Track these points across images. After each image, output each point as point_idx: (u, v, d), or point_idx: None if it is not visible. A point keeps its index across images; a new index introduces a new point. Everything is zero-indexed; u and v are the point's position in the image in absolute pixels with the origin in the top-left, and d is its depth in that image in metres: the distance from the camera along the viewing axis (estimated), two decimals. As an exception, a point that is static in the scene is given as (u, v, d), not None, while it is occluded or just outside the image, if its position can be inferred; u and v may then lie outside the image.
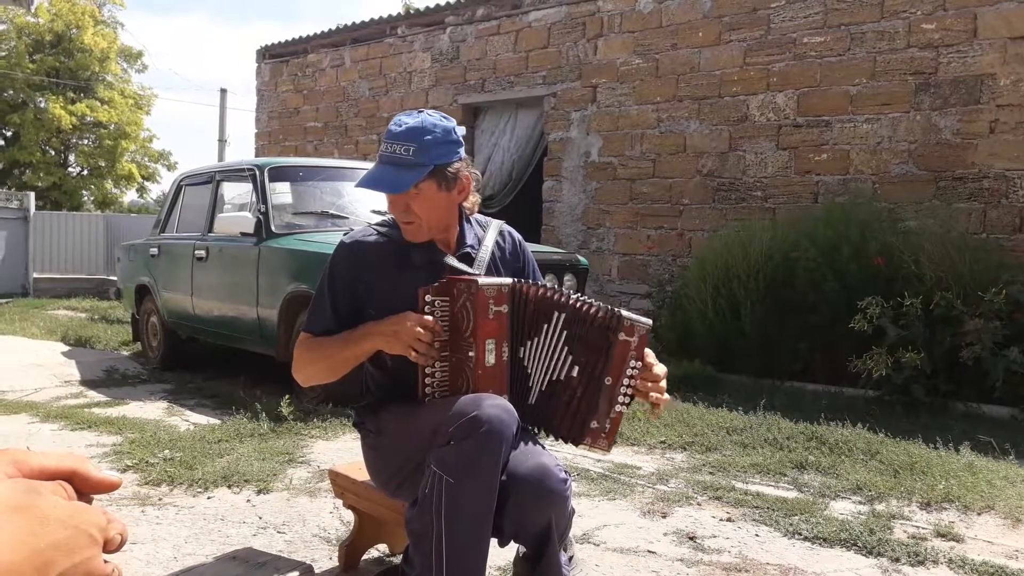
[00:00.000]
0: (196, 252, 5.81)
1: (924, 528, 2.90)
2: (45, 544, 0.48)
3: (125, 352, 7.16)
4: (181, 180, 6.65)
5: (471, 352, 1.79)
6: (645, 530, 2.87)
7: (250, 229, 5.15)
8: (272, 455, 3.64)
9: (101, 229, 14.24)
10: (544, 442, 1.95)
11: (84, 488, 0.55)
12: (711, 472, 3.58)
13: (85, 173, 23.12)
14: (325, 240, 4.73)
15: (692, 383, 5.37)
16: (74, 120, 20.73)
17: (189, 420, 4.54)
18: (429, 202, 1.88)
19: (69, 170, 22.93)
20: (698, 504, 3.16)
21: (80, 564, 0.49)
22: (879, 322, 5.01)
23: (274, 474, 3.37)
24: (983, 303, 4.87)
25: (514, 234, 2.14)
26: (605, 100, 8.24)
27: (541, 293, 1.85)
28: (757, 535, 2.84)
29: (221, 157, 20.15)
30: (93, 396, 5.18)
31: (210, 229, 5.82)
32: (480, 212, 2.14)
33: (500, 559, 2.32)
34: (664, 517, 3.00)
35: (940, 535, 2.83)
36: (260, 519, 2.89)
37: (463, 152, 1.93)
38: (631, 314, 1.79)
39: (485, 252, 2.01)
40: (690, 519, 2.99)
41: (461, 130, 1.94)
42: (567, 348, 1.82)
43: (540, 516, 1.77)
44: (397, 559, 2.44)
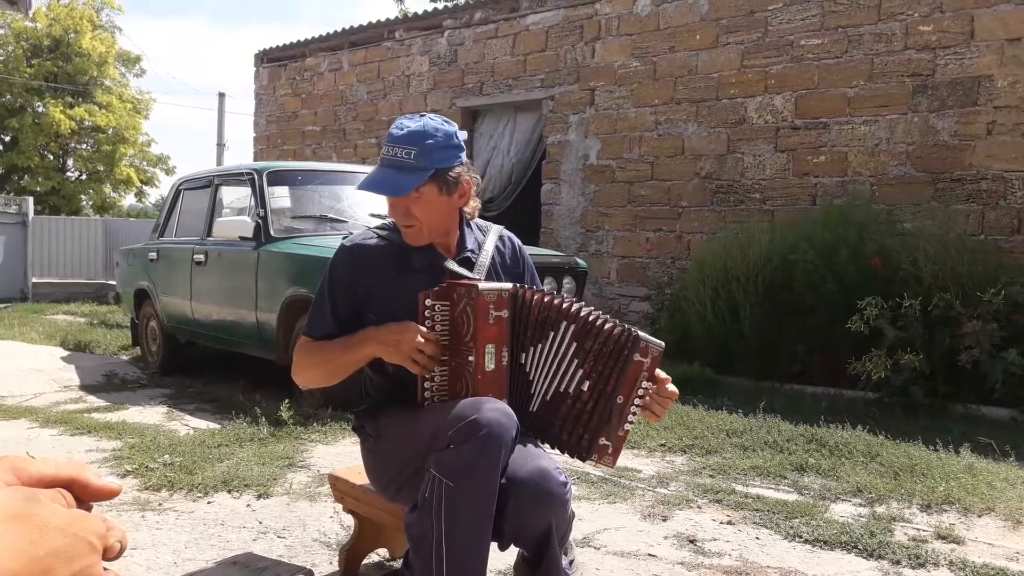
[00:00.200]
0: (195, 256, 5.81)
1: (925, 530, 2.90)
2: (44, 552, 0.48)
3: (124, 357, 7.15)
4: (180, 184, 6.65)
5: (471, 357, 1.79)
6: (645, 533, 2.86)
7: (249, 233, 5.15)
8: (272, 460, 3.64)
9: (100, 233, 14.25)
10: (543, 447, 1.95)
11: (83, 495, 0.55)
12: (711, 475, 3.58)
13: (84, 177, 23.12)
14: (324, 244, 4.73)
15: (691, 386, 5.37)
16: (73, 124, 20.74)
17: (189, 425, 4.53)
18: (430, 206, 1.88)
19: (68, 175, 22.94)
20: (698, 507, 3.15)
21: (80, 572, 0.49)
22: (877, 323, 5.01)
23: (274, 479, 3.37)
24: (982, 304, 4.86)
25: (514, 239, 2.15)
26: (603, 103, 8.25)
27: (548, 300, 1.84)
28: (758, 538, 2.84)
29: (220, 161, 20.15)
30: (92, 401, 5.18)
31: (209, 233, 5.81)
32: (480, 216, 2.14)
33: (500, 563, 2.31)
34: (664, 520, 3.00)
35: (941, 537, 2.83)
36: (260, 524, 2.89)
37: (464, 157, 1.94)
38: (645, 335, 1.78)
39: (485, 257, 2.01)
40: (690, 522, 2.99)
41: (463, 135, 1.94)
42: (576, 361, 1.80)
43: (540, 520, 1.77)
44: (397, 563, 2.44)
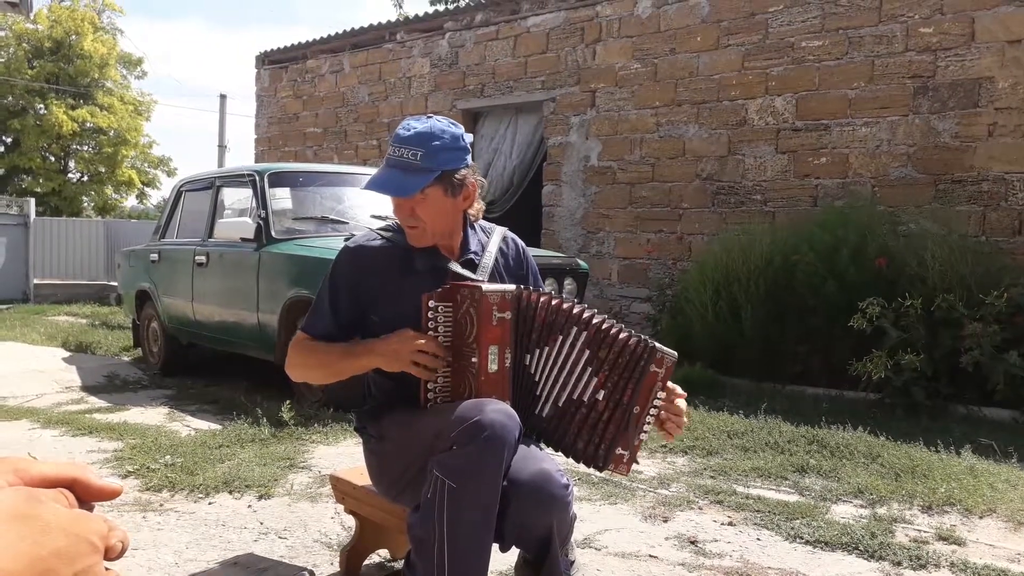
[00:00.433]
0: (196, 258, 5.82)
1: (926, 532, 2.89)
2: (47, 552, 0.48)
3: (126, 358, 7.16)
4: (181, 186, 6.66)
5: (474, 358, 1.78)
6: (646, 534, 2.86)
7: (250, 235, 5.16)
8: (273, 460, 3.64)
9: (101, 235, 14.27)
10: (547, 450, 1.95)
11: (85, 496, 0.55)
12: (712, 476, 3.58)
13: (85, 179, 23.13)
14: (325, 245, 4.73)
15: (692, 387, 5.33)
16: (75, 125, 20.76)
17: (190, 426, 4.54)
18: (434, 207, 1.88)
19: (69, 176, 22.94)
20: (699, 508, 3.15)
21: (81, 572, 0.49)
22: (879, 323, 5.00)
23: (275, 479, 3.37)
24: (984, 306, 4.86)
25: (517, 241, 2.15)
26: (604, 105, 8.25)
27: (555, 304, 1.83)
28: (758, 539, 2.83)
29: (221, 163, 20.19)
30: (94, 402, 5.18)
31: (210, 235, 5.82)
32: (482, 218, 2.14)
33: (502, 564, 2.31)
34: (665, 521, 3.00)
35: (942, 539, 2.82)
36: (261, 524, 2.89)
37: (470, 159, 1.94)
38: (660, 345, 1.78)
39: (489, 258, 2.01)
40: (691, 523, 2.98)
41: (469, 137, 1.94)
42: (590, 369, 1.79)
43: (542, 521, 1.77)
44: (399, 564, 2.44)
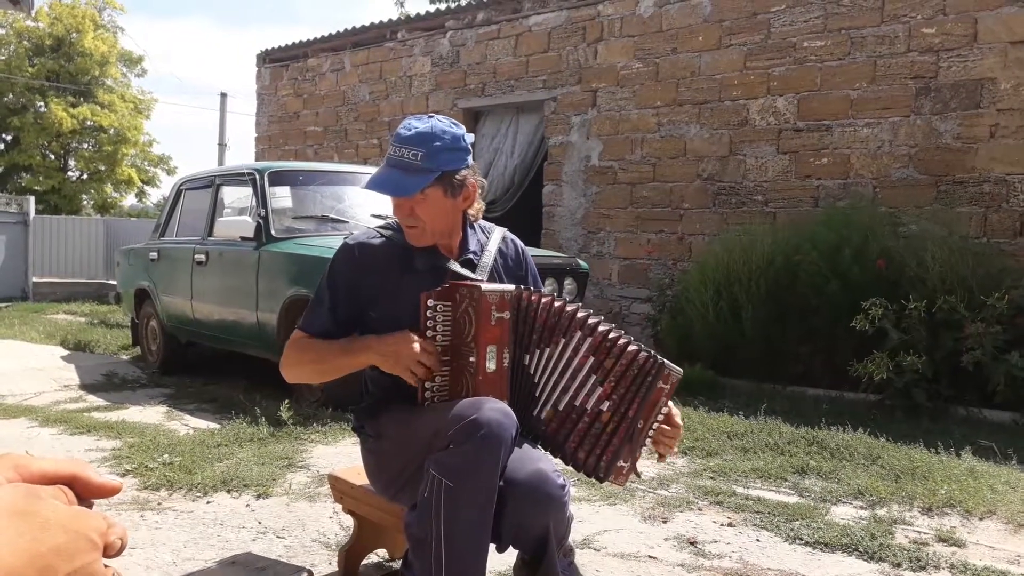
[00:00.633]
0: (196, 256, 5.81)
1: (926, 533, 2.89)
2: (46, 548, 0.48)
3: (124, 356, 7.15)
4: (181, 184, 6.65)
5: (472, 358, 1.78)
6: (646, 535, 2.86)
7: (250, 233, 5.15)
8: (271, 460, 3.64)
9: (101, 233, 14.27)
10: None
11: (84, 493, 0.55)
12: (712, 477, 3.57)
13: (85, 177, 23.14)
14: (325, 244, 4.73)
15: (693, 387, 5.36)
16: (75, 123, 20.76)
17: (188, 424, 4.53)
18: (434, 207, 1.88)
19: (69, 174, 22.96)
20: (699, 509, 3.15)
21: (80, 568, 0.49)
22: (881, 324, 5.00)
23: (273, 479, 3.37)
24: (985, 308, 4.86)
25: (517, 242, 2.15)
26: (605, 104, 8.25)
27: (558, 306, 1.83)
28: (758, 540, 2.83)
29: (221, 161, 20.17)
30: (92, 400, 5.18)
31: (210, 233, 5.81)
32: (482, 218, 2.14)
33: (499, 564, 2.31)
34: (665, 522, 3.00)
35: (942, 540, 2.82)
36: (259, 524, 2.88)
37: (471, 160, 1.93)
38: (667, 361, 1.78)
39: (488, 258, 2.01)
40: (691, 524, 2.98)
41: (470, 138, 1.93)
42: (594, 377, 1.78)
43: (538, 521, 1.76)
44: (397, 564, 2.44)
